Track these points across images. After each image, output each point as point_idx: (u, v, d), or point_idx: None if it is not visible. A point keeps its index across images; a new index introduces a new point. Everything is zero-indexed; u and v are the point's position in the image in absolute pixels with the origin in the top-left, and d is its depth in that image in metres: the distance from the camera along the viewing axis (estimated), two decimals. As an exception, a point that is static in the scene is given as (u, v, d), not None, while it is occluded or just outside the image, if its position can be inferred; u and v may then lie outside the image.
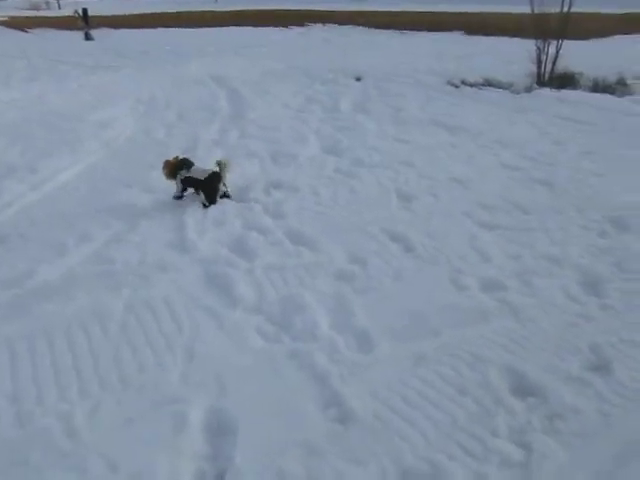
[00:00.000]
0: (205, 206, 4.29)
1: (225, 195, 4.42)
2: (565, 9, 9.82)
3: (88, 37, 19.46)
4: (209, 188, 4.28)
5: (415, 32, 20.57)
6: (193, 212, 4.20)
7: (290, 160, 5.31)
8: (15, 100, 8.74)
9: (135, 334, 2.73)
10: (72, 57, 13.88)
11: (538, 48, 9.91)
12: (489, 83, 10.01)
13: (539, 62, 10.03)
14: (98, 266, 3.38)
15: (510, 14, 21.44)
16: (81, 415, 2.20)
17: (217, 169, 4.28)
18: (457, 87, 9.66)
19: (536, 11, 9.63)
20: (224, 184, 4.37)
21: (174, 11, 30.19)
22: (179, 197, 4.48)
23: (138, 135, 6.54)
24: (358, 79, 10.08)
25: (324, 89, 9.17)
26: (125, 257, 3.47)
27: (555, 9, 9.77)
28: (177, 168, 4.42)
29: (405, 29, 21.12)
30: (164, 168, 4.44)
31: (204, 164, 4.52)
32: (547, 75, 10.04)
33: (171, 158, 4.49)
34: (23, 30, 21.83)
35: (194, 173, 4.33)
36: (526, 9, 10.10)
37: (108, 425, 2.17)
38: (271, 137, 6.17)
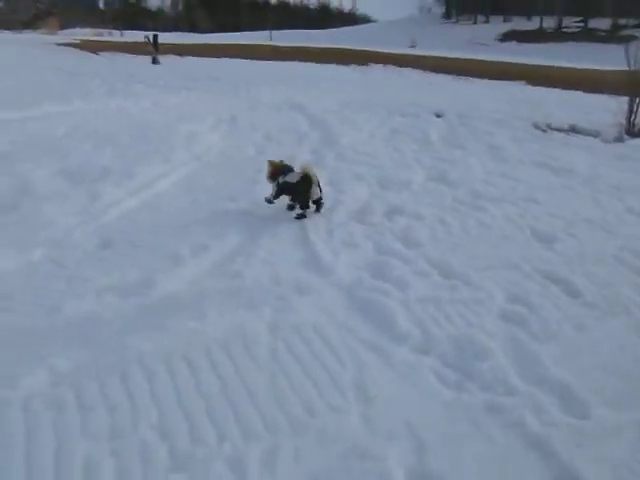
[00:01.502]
0: (298, 217, 4.11)
1: (319, 199, 4.19)
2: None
3: (155, 61, 19.94)
4: (301, 190, 4.13)
5: (471, 78, 20.23)
6: (315, 229, 3.82)
7: (401, 186, 4.90)
8: (96, 111, 8.73)
9: (289, 363, 2.30)
10: (143, 78, 14.08)
11: (631, 99, 9.60)
12: (574, 130, 9.61)
13: (630, 113, 9.67)
14: (225, 281, 2.99)
15: (568, 68, 21.23)
16: (255, 463, 1.75)
17: (308, 172, 4.11)
18: (544, 131, 9.26)
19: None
20: (319, 188, 4.16)
21: (236, 43, 31.06)
22: (270, 201, 4.22)
23: (230, 150, 6.28)
24: (438, 115, 9.78)
25: (406, 121, 8.85)
26: (253, 273, 3.07)
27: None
28: (278, 173, 4.26)
29: (459, 74, 20.84)
30: (268, 167, 4.29)
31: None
32: (638, 127, 9.64)
33: (277, 160, 4.36)
34: (94, 52, 22.58)
35: (289, 177, 4.21)
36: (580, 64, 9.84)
37: (289, 480, 1.71)
38: (371, 162, 5.81)
